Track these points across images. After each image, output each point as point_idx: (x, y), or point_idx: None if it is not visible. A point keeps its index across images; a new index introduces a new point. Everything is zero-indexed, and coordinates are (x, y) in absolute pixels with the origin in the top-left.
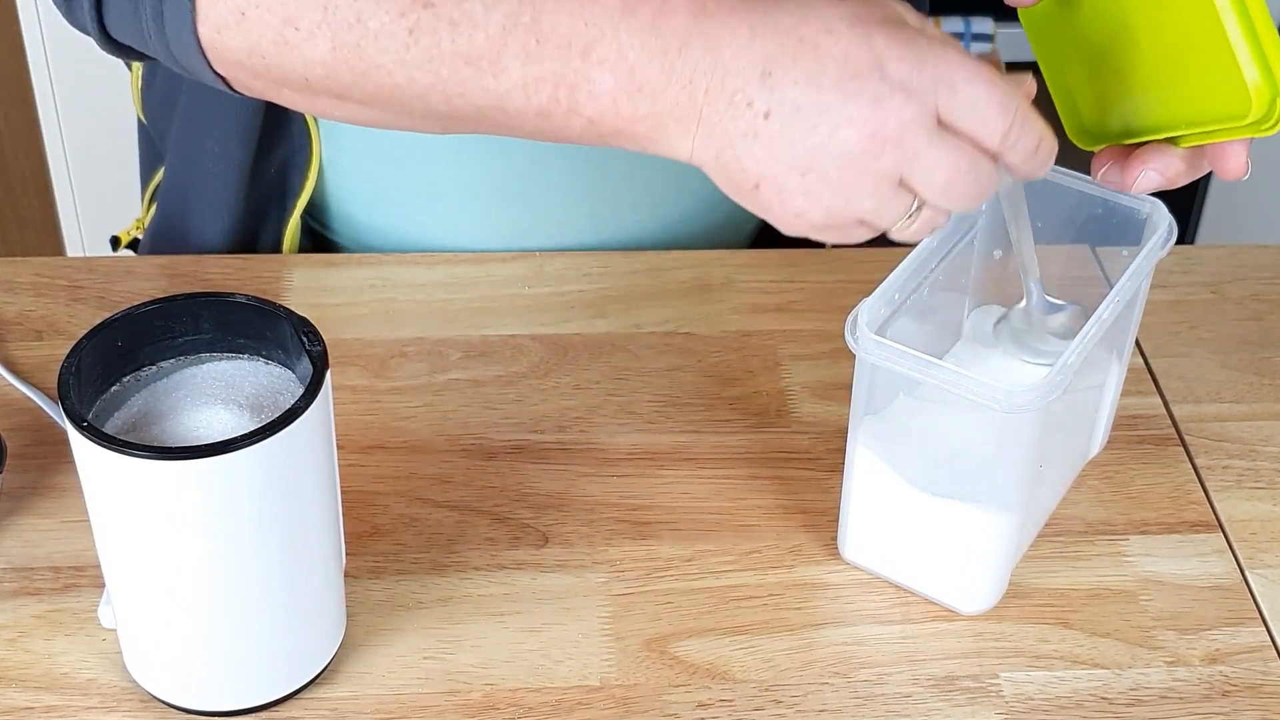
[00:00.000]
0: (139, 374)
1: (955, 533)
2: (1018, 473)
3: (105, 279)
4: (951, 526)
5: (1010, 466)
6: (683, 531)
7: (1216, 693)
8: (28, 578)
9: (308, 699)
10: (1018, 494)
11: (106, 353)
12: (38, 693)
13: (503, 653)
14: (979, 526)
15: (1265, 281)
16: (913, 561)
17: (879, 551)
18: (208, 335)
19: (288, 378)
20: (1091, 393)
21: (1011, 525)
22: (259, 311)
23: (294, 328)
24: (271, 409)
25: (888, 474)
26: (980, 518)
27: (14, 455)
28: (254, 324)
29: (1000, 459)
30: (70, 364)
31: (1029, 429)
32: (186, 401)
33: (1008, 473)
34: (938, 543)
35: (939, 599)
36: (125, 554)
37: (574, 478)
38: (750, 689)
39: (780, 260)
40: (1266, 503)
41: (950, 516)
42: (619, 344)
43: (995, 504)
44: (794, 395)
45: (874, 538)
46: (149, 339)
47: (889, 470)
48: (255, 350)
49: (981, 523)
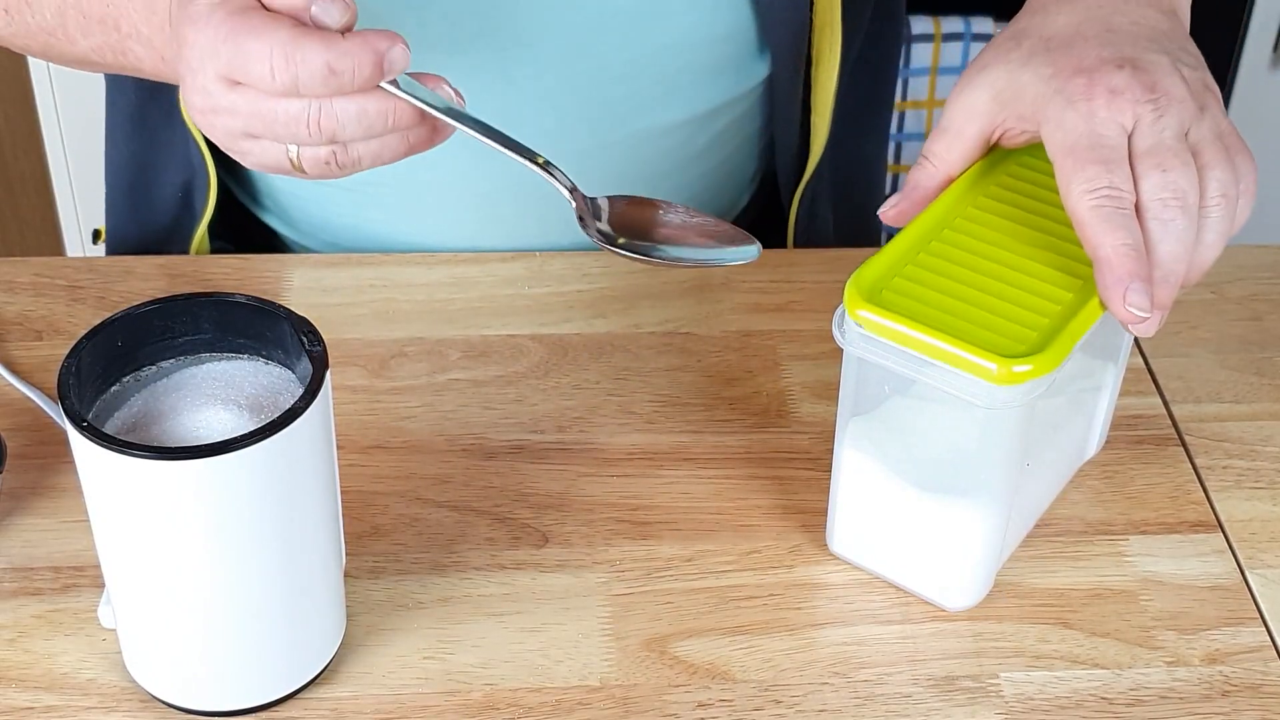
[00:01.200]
0: (139, 374)
1: (940, 528)
2: (1003, 470)
3: (105, 279)
4: (937, 522)
5: (995, 463)
6: (683, 531)
7: (1216, 693)
8: (28, 578)
9: (308, 699)
10: (1003, 491)
11: (106, 353)
12: (38, 693)
13: (502, 653)
14: (964, 522)
15: (1265, 281)
16: (898, 556)
17: (866, 545)
18: (207, 335)
19: (287, 378)
20: (1086, 394)
21: (996, 522)
22: (259, 311)
23: (294, 328)
24: (271, 409)
25: (874, 469)
26: (965, 513)
27: (14, 455)
28: (254, 324)
29: (985, 455)
30: (70, 364)
31: (1013, 426)
32: (186, 402)
33: (992, 470)
34: (923, 538)
35: (924, 594)
36: (125, 554)
37: (574, 478)
38: (750, 689)
39: (780, 260)
40: (1266, 503)
41: (935, 511)
42: (619, 344)
43: (980, 500)
44: (794, 395)
45: (861, 532)
46: (149, 339)
47: (876, 465)
48: (255, 350)
49: (966, 518)
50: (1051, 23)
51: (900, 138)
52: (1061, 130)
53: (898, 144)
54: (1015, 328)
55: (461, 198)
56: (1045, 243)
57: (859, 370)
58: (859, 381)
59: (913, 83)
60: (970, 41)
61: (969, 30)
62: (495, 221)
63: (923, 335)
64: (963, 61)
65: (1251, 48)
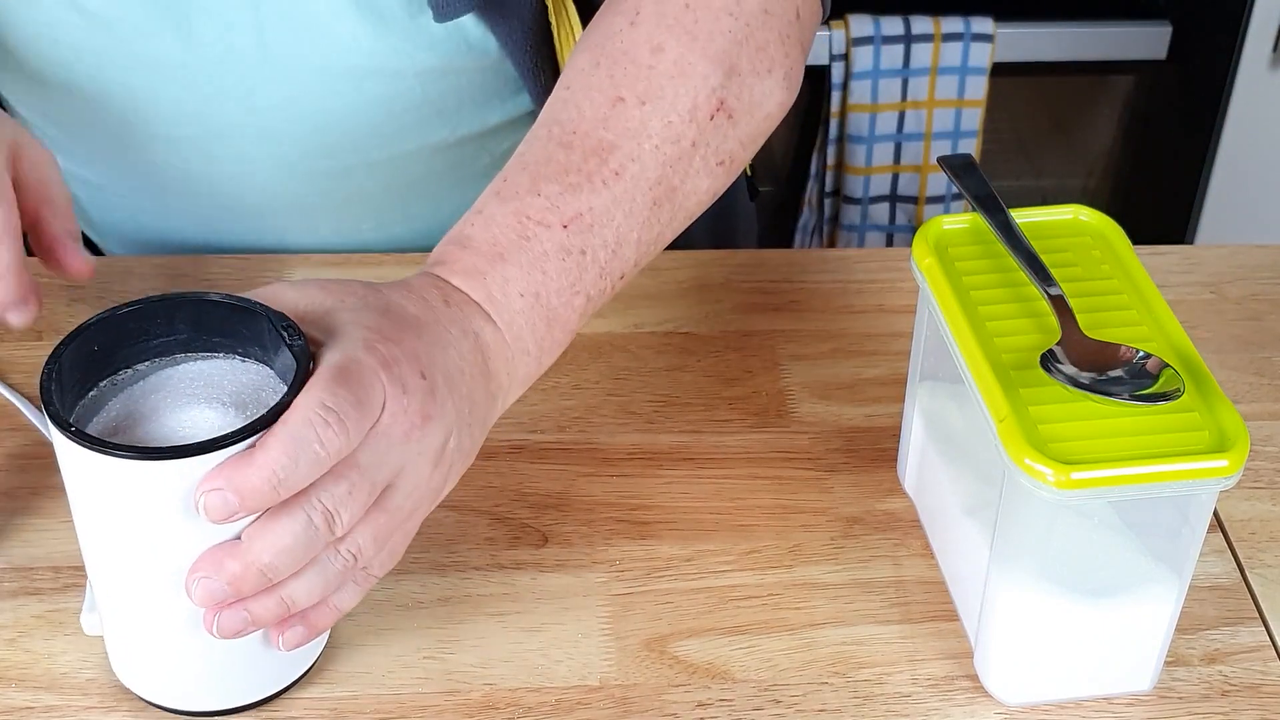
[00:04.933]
0: (115, 378)
1: (1121, 623)
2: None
3: (105, 279)
4: (1116, 619)
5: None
6: (682, 531)
7: (1216, 692)
8: (28, 578)
9: (307, 699)
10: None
11: (84, 357)
12: (37, 693)
13: (502, 652)
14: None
15: (1265, 281)
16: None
17: (1038, 679)
18: (183, 335)
19: (266, 374)
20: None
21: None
22: (235, 310)
23: (272, 324)
24: (255, 406)
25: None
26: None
27: (14, 455)
28: (230, 322)
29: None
30: (50, 369)
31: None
32: (167, 403)
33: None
34: (1103, 640)
35: (1112, 692)
36: (112, 557)
37: (573, 477)
38: (750, 689)
39: (780, 260)
40: (1266, 503)
41: (1113, 610)
42: (619, 344)
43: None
44: (794, 395)
45: (1026, 666)
46: (125, 342)
47: (1044, 600)
48: (231, 349)
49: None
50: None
51: (900, 138)
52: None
53: (897, 144)
54: (1179, 420)
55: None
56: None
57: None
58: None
59: (913, 83)
60: (970, 41)
61: (969, 30)
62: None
63: (1141, 468)
64: (963, 61)
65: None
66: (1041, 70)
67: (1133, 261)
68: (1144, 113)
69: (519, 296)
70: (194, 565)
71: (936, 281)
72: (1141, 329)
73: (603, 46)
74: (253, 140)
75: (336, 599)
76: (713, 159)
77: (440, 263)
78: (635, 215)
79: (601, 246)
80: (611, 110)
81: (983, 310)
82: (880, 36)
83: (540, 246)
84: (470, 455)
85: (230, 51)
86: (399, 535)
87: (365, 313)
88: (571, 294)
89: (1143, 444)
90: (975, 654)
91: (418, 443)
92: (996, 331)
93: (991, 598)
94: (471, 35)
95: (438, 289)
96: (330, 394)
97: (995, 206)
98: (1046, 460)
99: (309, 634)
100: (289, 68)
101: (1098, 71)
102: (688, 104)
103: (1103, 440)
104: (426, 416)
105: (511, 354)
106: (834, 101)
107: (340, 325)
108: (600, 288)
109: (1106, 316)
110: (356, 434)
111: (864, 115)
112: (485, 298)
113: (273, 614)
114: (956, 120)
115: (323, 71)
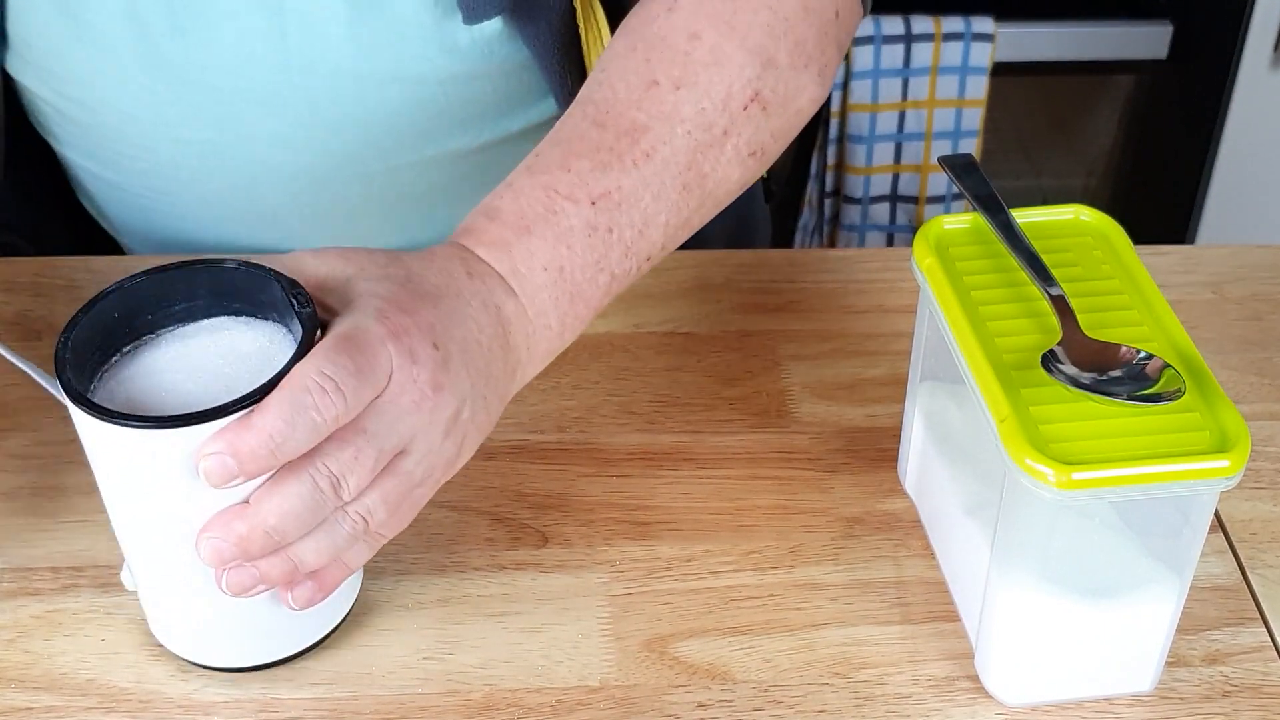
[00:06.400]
0: (136, 343)
1: (1122, 624)
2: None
3: (105, 279)
4: (1117, 620)
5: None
6: (683, 531)
7: (1217, 693)
8: (27, 578)
9: (307, 699)
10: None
11: (103, 326)
12: (37, 693)
13: (502, 653)
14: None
15: (1265, 281)
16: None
17: (1040, 679)
18: (201, 302)
19: (283, 339)
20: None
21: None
22: (250, 275)
23: (284, 289)
24: (269, 371)
25: (1045, 603)
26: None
27: (13, 455)
28: (247, 289)
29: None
30: (65, 339)
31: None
32: (185, 368)
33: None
34: (1104, 641)
35: (1113, 693)
36: (135, 521)
37: (573, 478)
38: (750, 689)
39: (780, 260)
40: (1266, 503)
41: (1114, 611)
42: (619, 344)
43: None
44: (794, 395)
45: (1029, 667)
46: (144, 309)
47: (1047, 600)
48: (251, 314)
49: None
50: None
51: (900, 138)
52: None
53: (898, 144)
54: (1180, 420)
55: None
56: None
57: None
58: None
59: (913, 83)
60: (970, 41)
61: (969, 30)
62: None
63: (1143, 469)
64: (963, 61)
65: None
66: (1042, 70)
67: (1134, 261)
68: (1144, 112)
69: (543, 270)
70: (204, 526)
71: (937, 281)
72: (1142, 329)
73: (640, 32)
74: (272, 145)
75: (346, 556)
76: (745, 149)
77: (467, 232)
78: (664, 198)
79: (628, 225)
80: (646, 93)
81: (983, 310)
82: (880, 36)
83: (566, 221)
84: (486, 427)
85: (251, 56)
86: (410, 501)
87: (384, 283)
88: (596, 270)
89: (1144, 444)
90: (976, 654)
91: (429, 413)
92: (997, 331)
93: (992, 598)
94: (496, 41)
95: (461, 260)
96: (329, 361)
97: (996, 206)
98: (1047, 460)
99: (319, 592)
100: (310, 73)
101: (1098, 71)
102: (722, 92)
103: (1104, 440)
104: (438, 386)
105: (533, 328)
106: (834, 101)
107: (357, 294)
108: (625, 267)
109: (1107, 317)
110: (355, 401)
111: (864, 115)
112: (509, 270)
113: (281, 573)
114: (957, 120)
115: (344, 77)
